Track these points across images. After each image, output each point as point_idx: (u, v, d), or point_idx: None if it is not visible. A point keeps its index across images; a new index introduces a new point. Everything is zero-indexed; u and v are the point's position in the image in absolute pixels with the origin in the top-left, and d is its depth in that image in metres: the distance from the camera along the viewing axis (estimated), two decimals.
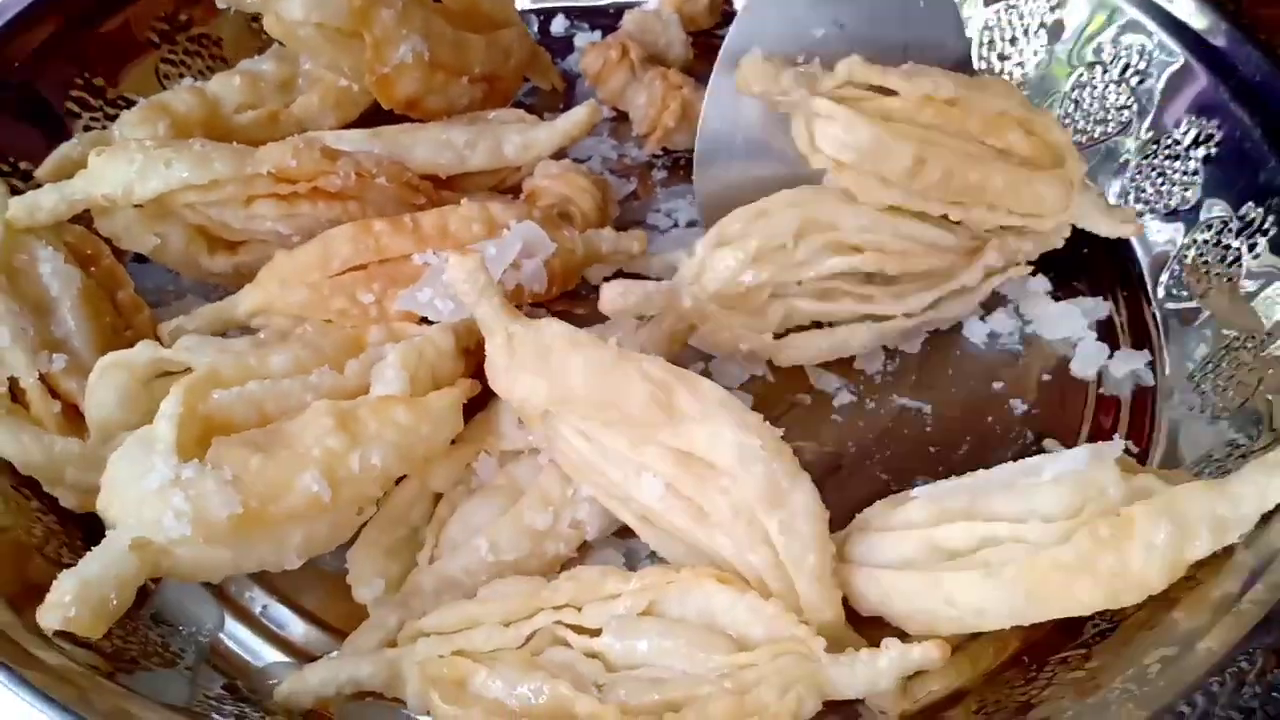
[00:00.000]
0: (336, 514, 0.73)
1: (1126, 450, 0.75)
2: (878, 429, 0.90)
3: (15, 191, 0.90)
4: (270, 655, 0.78)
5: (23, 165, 0.99)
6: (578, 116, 1.03)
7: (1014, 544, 0.68)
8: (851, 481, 0.87)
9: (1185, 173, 1.00)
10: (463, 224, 0.88)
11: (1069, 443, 0.88)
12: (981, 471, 0.75)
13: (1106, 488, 0.68)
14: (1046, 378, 0.94)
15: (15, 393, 0.79)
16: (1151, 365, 0.94)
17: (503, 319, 0.75)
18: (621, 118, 1.18)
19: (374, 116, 1.06)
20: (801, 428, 0.89)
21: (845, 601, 0.72)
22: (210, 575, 0.72)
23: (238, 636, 0.79)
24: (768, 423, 0.72)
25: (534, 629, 0.69)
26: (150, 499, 0.66)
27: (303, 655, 0.78)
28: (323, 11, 0.92)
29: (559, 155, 1.05)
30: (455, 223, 0.88)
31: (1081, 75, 1.11)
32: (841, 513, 0.75)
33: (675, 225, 1.08)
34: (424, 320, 0.85)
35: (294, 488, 0.69)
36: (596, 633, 0.68)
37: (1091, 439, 0.89)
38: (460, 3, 1.07)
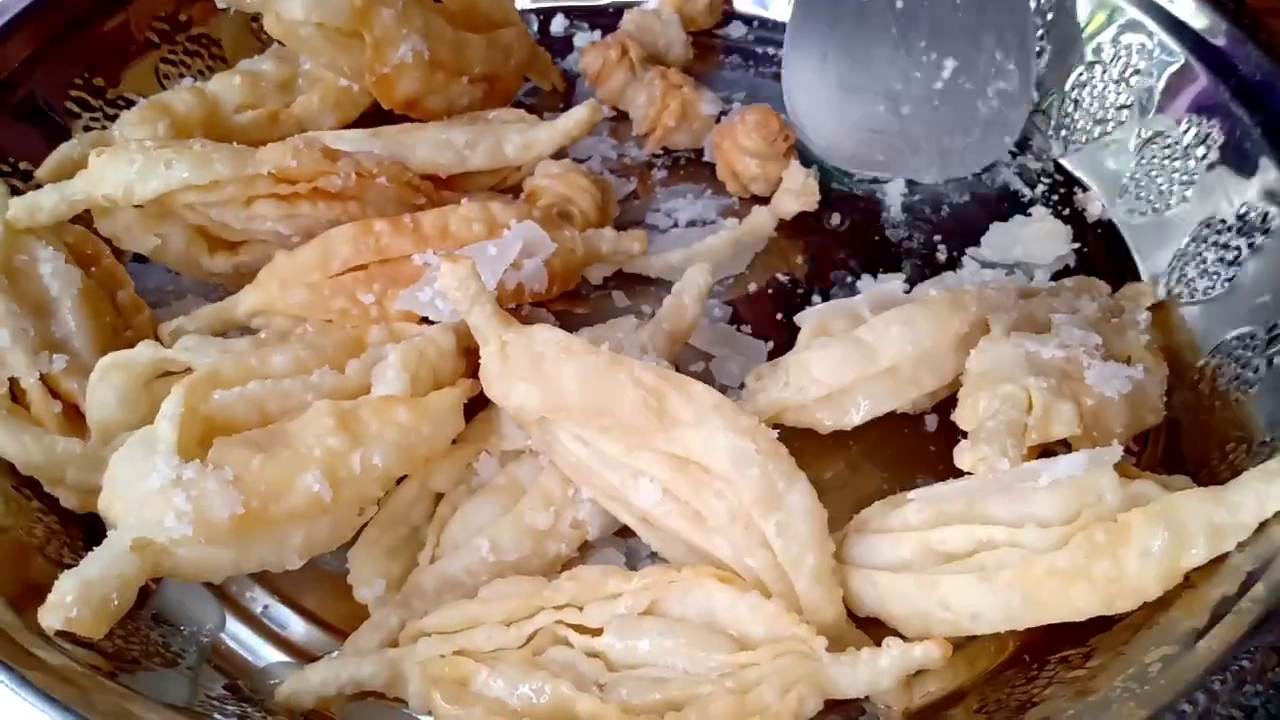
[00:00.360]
0: (337, 514, 0.73)
1: (1127, 450, 0.75)
2: (878, 428, 0.90)
3: (15, 191, 0.90)
4: (271, 655, 0.78)
5: (23, 165, 0.98)
6: (578, 116, 1.03)
7: (1010, 548, 0.68)
8: (851, 482, 0.87)
9: (1185, 172, 1.00)
10: (463, 224, 0.88)
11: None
12: (980, 474, 0.75)
13: (1104, 493, 0.68)
14: None
15: (16, 393, 0.79)
16: None
17: (496, 326, 0.75)
18: (621, 118, 1.18)
19: (374, 116, 1.06)
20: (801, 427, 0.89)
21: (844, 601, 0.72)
22: (211, 575, 0.72)
23: (239, 636, 0.79)
24: (763, 424, 0.72)
25: (535, 628, 0.69)
26: (152, 499, 0.66)
27: (304, 655, 0.78)
28: (323, 11, 0.92)
29: (559, 155, 1.04)
30: (455, 223, 0.88)
31: (1081, 75, 1.12)
32: (840, 513, 0.75)
33: (675, 225, 1.08)
34: (425, 320, 0.85)
35: (295, 488, 0.69)
36: (598, 632, 0.68)
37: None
38: (460, 3, 1.06)
